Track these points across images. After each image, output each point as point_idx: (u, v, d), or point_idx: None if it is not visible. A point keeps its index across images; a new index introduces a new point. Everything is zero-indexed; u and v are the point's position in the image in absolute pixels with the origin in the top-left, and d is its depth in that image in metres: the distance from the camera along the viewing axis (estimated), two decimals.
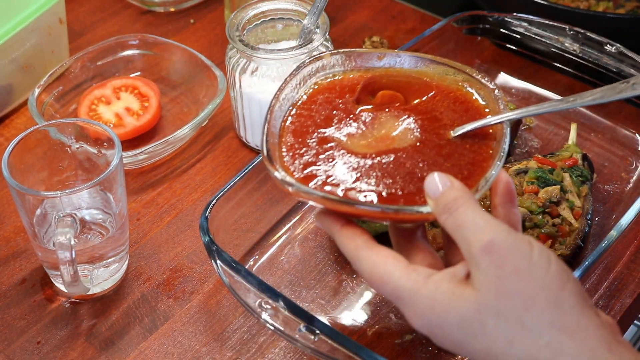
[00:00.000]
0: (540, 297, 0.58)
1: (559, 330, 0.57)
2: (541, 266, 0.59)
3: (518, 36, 1.04)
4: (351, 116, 0.74)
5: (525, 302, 0.58)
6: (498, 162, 0.67)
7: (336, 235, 0.67)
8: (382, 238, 0.70)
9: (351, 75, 0.77)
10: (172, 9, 1.19)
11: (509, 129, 0.70)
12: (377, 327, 0.81)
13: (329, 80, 0.77)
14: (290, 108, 0.74)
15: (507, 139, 0.69)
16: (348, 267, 0.86)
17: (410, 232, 0.68)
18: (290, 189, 0.66)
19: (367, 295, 0.84)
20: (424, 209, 0.64)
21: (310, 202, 0.67)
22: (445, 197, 0.62)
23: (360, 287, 0.85)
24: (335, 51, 0.77)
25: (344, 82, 0.76)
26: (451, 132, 0.71)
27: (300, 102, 0.75)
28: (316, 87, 0.76)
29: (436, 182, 0.63)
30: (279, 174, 0.67)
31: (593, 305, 0.60)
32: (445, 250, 0.68)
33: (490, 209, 0.67)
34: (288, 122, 0.73)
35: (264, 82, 0.94)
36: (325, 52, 0.78)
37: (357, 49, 0.78)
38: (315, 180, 0.68)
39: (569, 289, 0.59)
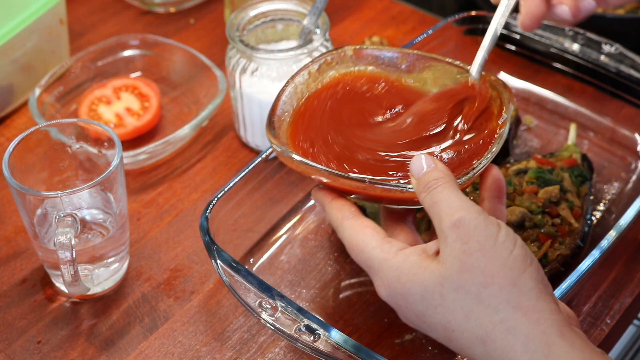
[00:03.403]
0: (500, 275, 0.60)
1: (514, 308, 0.59)
2: (506, 247, 0.61)
3: (518, 36, 1.04)
4: (363, 108, 0.77)
5: (486, 278, 0.60)
6: (488, 155, 0.69)
7: (326, 207, 0.70)
8: None
9: (369, 69, 0.79)
10: (172, 10, 1.19)
11: (508, 125, 0.72)
12: (377, 327, 0.82)
13: (348, 72, 0.79)
14: (305, 92, 0.77)
15: (505, 133, 0.71)
16: (348, 266, 0.86)
17: (399, 214, 0.71)
18: (287, 153, 0.70)
19: (367, 295, 0.84)
20: (408, 187, 0.67)
21: (301, 171, 0.71)
22: (427, 177, 0.65)
23: (361, 287, 0.85)
24: (359, 47, 0.80)
25: (362, 77, 0.79)
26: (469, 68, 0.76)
27: (315, 89, 0.78)
28: (334, 77, 0.79)
29: (421, 162, 0.66)
30: (275, 141, 0.71)
31: (552, 294, 0.62)
32: (429, 236, 0.71)
33: (478, 202, 0.70)
34: (300, 103, 0.76)
35: (264, 82, 0.94)
36: (349, 47, 0.81)
37: (381, 47, 0.81)
38: (311, 154, 0.72)
39: (530, 272, 0.61)
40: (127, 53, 1.06)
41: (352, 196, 0.72)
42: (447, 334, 0.62)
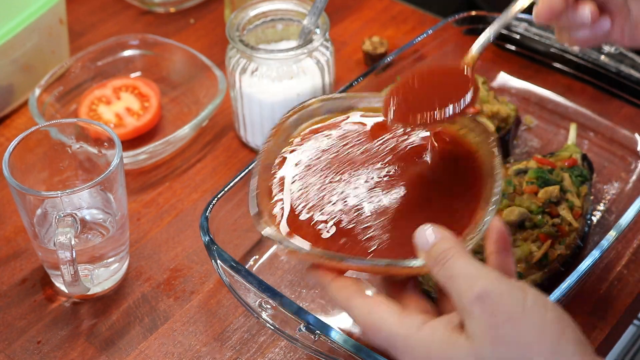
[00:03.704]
0: (537, 343, 0.56)
1: None
2: (537, 312, 0.57)
3: (518, 36, 1.04)
4: (342, 167, 0.73)
5: (523, 350, 0.56)
6: (491, 209, 0.66)
7: (328, 288, 0.66)
8: None
9: (340, 120, 0.76)
10: (172, 9, 1.19)
11: (500, 171, 0.69)
12: None
13: (319, 125, 0.76)
14: (280, 159, 0.74)
15: (500, 182, 0.68)
16: None
17: (401, 281, 0.67)
18: (278, 245, 0.67)
19: None
20: (416, 263, 0.63)
21: (300, 259, 0.68)
22: (436, 250, 0.61)
23: None
24: (322, 97, 0.77)
25: (332, 127, 0.76)
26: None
27: (289, 151, 0.74)
28: (304, 135, 0.75)
29: (425, 235, 0.62)
30: (269, 230, 0.67)
31: (593, 351, 0.58)
32: (438, 299, 0.67)
33: (485, 258, 0.66)
34: (277, 173, 0.73)
35: (264, 82, 0.94)
36: (310, 99, 0.77)
37: (339, 95, 0.77)
38: (304, 234, 0.68)
39: (568, 334, 0.57)
40: (127, 53, 1.06)
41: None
42: None
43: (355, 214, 0.69)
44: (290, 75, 0.94)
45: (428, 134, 0.74)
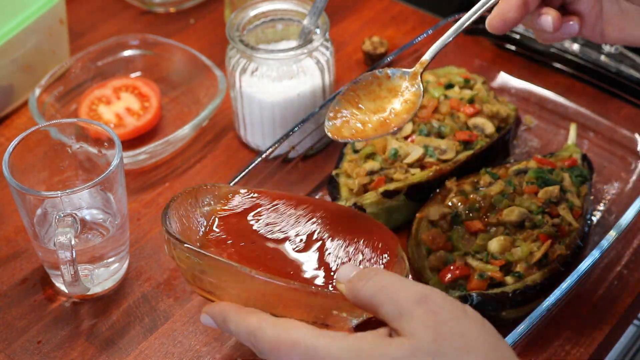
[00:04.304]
0: (480, 340, 0.57)
1: None
2: (477, 318, 0.59)
3: (518, 36, 1.04)
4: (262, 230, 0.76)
5: (466, 343, 0.57)
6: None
7: (233, 318, 0.65)
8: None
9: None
10: (172, 10, 1.19)
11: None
12: None
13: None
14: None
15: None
16: None
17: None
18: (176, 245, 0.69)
19: None
20: (335, 289, 0.65)
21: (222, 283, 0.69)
22: (359, 273, 0.62)
23: None
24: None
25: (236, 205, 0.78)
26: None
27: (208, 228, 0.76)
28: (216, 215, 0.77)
29: (347, 267, 0.63)
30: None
31: None
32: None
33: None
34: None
35: (264, 82, 0.94)
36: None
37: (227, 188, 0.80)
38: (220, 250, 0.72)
39: (504, 343, 0.59)
40: (127, 53, 1.06)
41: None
42: None
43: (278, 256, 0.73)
44: (290, 75, 0.94)
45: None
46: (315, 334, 0.59)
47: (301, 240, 0.75)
